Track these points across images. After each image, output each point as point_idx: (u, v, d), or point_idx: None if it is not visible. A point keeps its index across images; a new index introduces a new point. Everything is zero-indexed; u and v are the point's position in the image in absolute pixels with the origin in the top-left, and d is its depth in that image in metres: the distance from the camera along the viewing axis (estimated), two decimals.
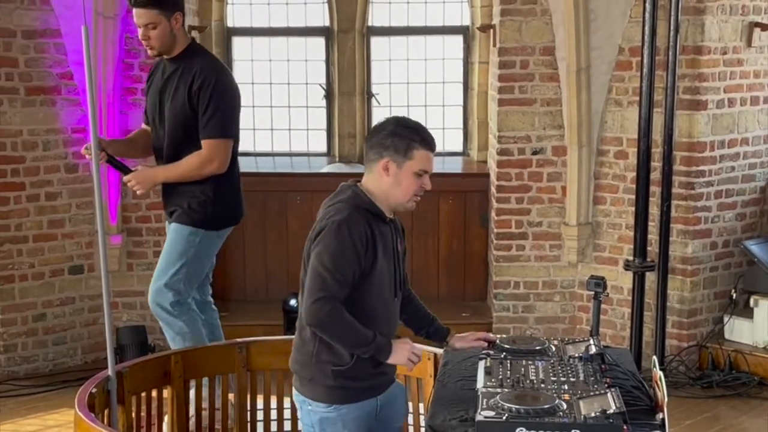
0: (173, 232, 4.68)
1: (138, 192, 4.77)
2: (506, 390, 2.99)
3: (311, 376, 3.31)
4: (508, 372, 3.17)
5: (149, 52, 4.61)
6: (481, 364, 3.25)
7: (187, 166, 4.57)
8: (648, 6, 5.70)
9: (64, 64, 6.10)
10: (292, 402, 4.47)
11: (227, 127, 4.56)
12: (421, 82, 7.50)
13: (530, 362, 3.28)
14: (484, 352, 3.37)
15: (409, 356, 3.31)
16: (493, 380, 3.09)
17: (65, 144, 6.19)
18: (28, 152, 6.08)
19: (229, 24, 7.39)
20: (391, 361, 3.29)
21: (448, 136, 7.58)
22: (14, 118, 6.00)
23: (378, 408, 3.39)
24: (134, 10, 4.49)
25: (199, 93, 4.48)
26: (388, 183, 3.27)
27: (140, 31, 4.51)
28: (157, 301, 4.64)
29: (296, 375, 3.40)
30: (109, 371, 3.89)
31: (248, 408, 4.40)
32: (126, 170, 4.70)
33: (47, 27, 5.94)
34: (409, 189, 3.28)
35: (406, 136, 3.25)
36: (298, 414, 3.48)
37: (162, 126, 4.64)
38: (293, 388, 3.45)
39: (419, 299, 3.71)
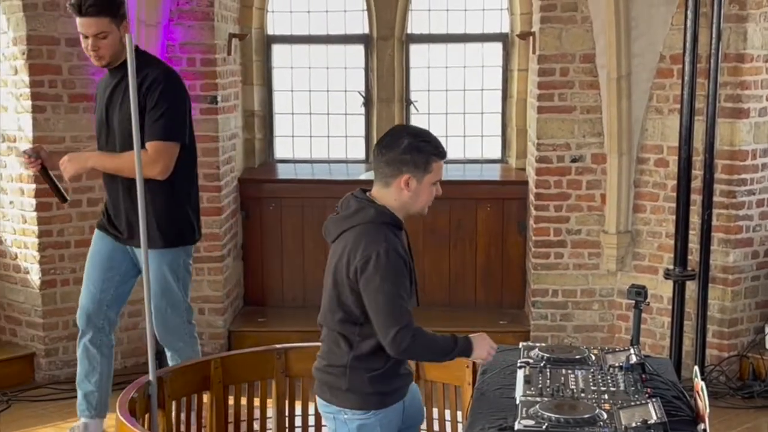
0: (151, 265, 4.42)
1: (66, 174, 4.57)
2: (546, 399, 2.98)
3: (347, 386, 3.32)
4: (548, 381, 3.17)
5: (97, 62, 4.44)
6: (521, 373, 3.24)
7: (127, 159, 4.31)
8: (690, 13, 5.66)
9: None
10: None
11: (173, 130, 4.44)
12: (459, 89, 7.49)
13: (570, 371, 3.28)
14: (523, 360, 3.36)
15: (488, 349, 3.35)
16: (532, 389, 3.09)
17: None
18: None
19: (269, 32, 7.43)
20: (473, 356, 3.34)
21: (486, 144, 7.57)
22: (57, 125, 6.07)
23: (404, 408, 3.44)
24: (82, 20, 4.33)
25: (147, 95, 4.36)
26: (407, 197, 3.30)
27: (89, 42, 4.35)
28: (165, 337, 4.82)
29: (326, 386, 3.41)
30: (150, 376, 3.93)
31: (286, 414, 4.42)
32: (56, 187, 4.71)
33: None
34: (426, 199, 3.35)
35: (425, 150, 3.27)
36: (329, 425, 3.48)
37: (112, 140, 4.52)
38: (319, 400, 3.45)
39: None
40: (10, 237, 6.23)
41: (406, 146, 3.24)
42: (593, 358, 3.43)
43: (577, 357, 3.42)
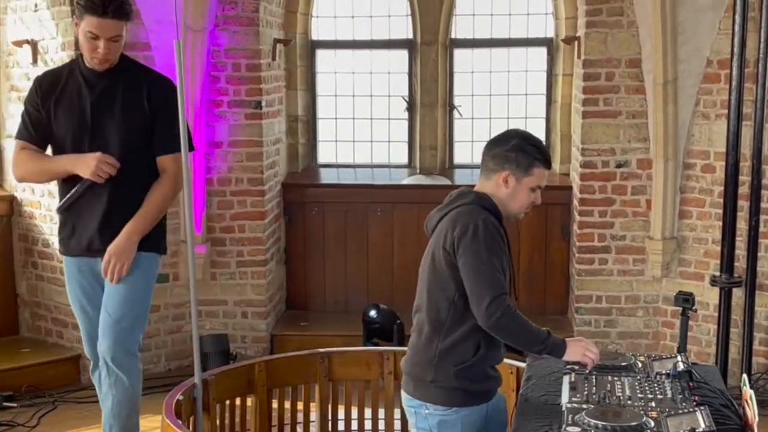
0: (142, 265, 4.11)
1: (125, 271, 4.07)
2: (592, 406, 2.96)
3: (432, 377, 3.31)
4: (594, 388, 3.14)
5: (100, 66, 4.04)
6: (566, 379, 3.22)
7: (162, 198, 4.12)
8: (737, 18, 5.59)
9: None
10: (373, 412, 4.51)
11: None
12: (503, 94, 7.47)
13: (616, 378, 3.25)
14: (568, 366, 3.34)
15: (585, 352, 3.31)
16: (578, 396, 3.06)
17: None
18: None
19: (314, 37, 7.46)
20: (566, 357, 3.30)
21: None
22: None
23: (487, 414, 3.40)
24: (101, 21, 3.90)
25: (161, 107, 4.09)
26: (504, 194, 3.35)
27: (100, 44, 3.94)
28: (127, 349, 4.12)
29: (411, 379, 3.39)
30: (196, 379, 3.95)
31: (329, 418, 4.43)
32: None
33: (137, 40, 6.04)
34: (524, 203, 3.38)
35: (530, 153, 3.34)
36: (410, 420, 3.45)
37: (100, 144, 4.05)
38: (404, 394, 3.43)
39: None
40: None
41: (513, 145, 3.34)
42: (639, 365, 3.40)
43: (624, 364, 3.39)
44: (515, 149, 3.33)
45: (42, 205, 6.36)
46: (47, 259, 6.43)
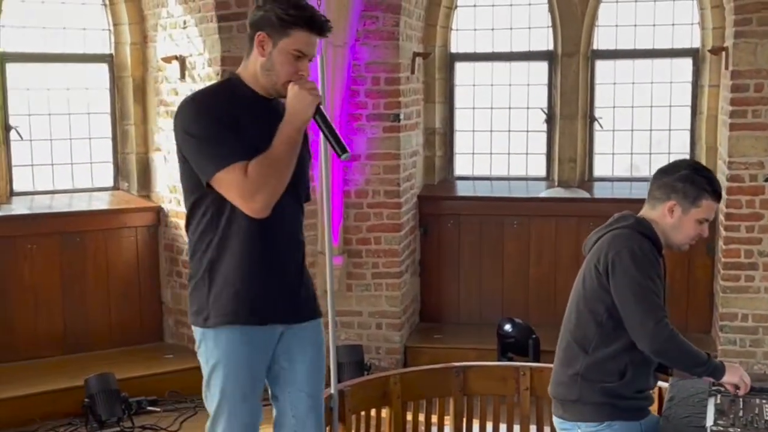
0: (318, 333, 3.46)
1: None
2: (738, 430, 2.85)
3: (577, 396, 3.27)
4: (741, 411, 3.03)
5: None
6: (711, 401, 3.12)
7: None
8: None
9: None
10: (507, 428, 4.45)
11: None
12: (646, 105, 7.29)
13: (765, 401, 3.13)
14: (714, 388, 3.22)
15: (742, 376, 3.25)
16: (724, 419, 2.96)
17: None
18: None
19: (453, 50, 7.47)
20: (725, 380, 3.24)
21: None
22: None
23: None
24: (312, 38, 3.22)
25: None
26: (669, 225, 3.30)
27: (304, 64, 3.23)
28: None
29: (559, 402, 3.36)
30: (332, 389, 3.98)
31: None
32: (334, 134, 3.24)
33: None
34: (689, 234, 3.32)
35: (699, 184, 3.28)
36: None
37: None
38: (556, 420, 3.39)
39: None
40: None
41: (682, 175, 3.29)
42: None
43: None
44: (683, 179, 3.27)
45: None
46: None
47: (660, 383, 3.87)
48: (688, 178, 3.27)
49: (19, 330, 6.46)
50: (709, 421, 2.96)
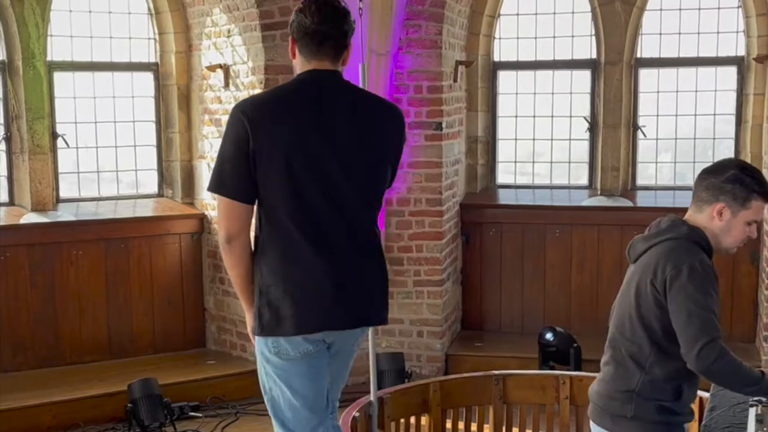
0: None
1: None
2: None
3: (633, 413, 3.20)
4: None
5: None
6: (752, 412, 3.08)
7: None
8: None
9: None
10: None
11: None
12: (690, 114, 7.23)
13: None
14: (755, 399, 3.18)
15: None
16: (765, 429, 2.92)
17: None
18: None
19: (496, 58, 7.46)
20: None
21: None
22: None
23: None
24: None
25: None
26: (718, 227, 3.19)
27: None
28: None
29: (608, 414, 3.27)
30: (372, 396, 4.00)
31: None
32: None
33: None
34: (738, 237, 3.22)
35: (748, 184, 3.15)
36: None
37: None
38: (597, 428, 3.31)
39: None
40: None
41: (730, 176, 3.16)
42: None
43: None
44: (732, 180, 3.14)
45: None
46: None
47: (700, 392, 3.84)
48: (737, 179, 3.14)
49: (64, 335, 6.56)
50: (750, 431, 2.93)
